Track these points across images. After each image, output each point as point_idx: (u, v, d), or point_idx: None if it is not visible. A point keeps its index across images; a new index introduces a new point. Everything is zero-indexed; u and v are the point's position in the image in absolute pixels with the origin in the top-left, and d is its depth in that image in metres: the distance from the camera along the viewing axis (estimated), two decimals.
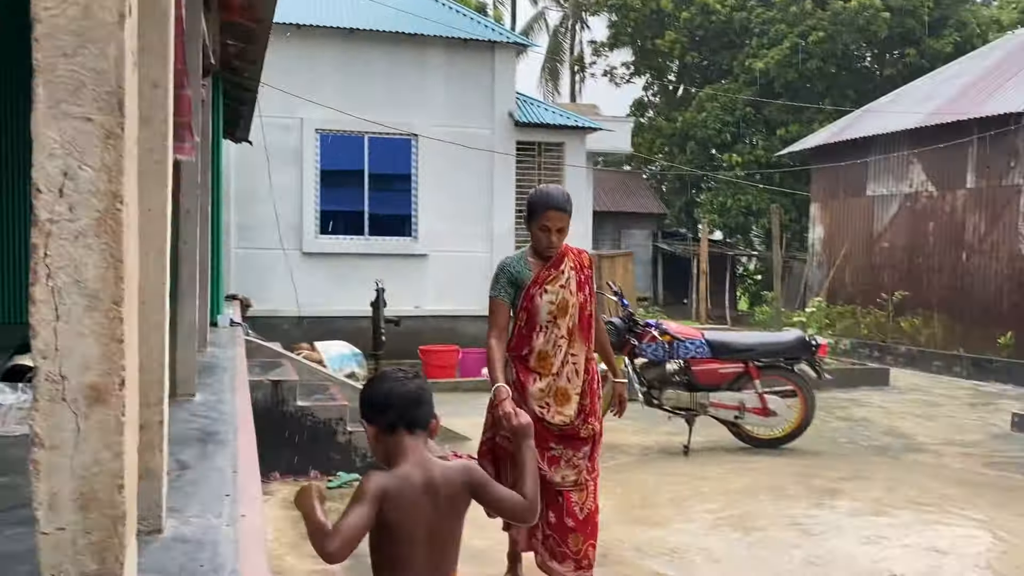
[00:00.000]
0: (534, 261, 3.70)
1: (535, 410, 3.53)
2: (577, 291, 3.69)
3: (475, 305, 12.50)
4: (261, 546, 2.13)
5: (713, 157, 24.41)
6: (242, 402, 4.03)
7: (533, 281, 3.65)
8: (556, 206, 3.60)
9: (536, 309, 3.63)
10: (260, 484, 2.79)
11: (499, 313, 3.67)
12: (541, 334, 3.64)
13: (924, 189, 13.62)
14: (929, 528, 4.84)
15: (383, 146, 12.34)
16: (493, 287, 3.70)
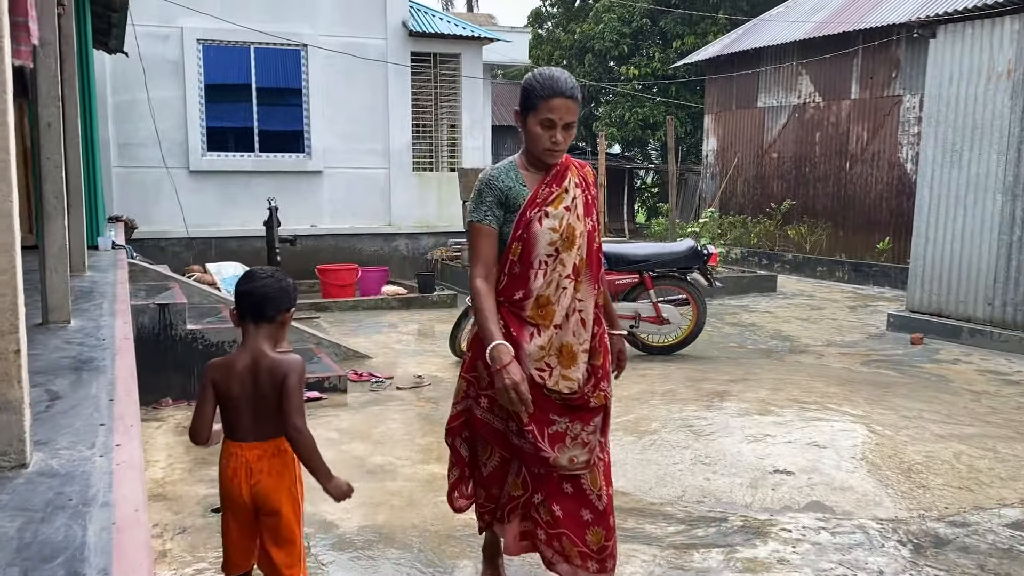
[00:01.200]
0: (529, 174, 2.82)
1: (533, 375, 2.75)
2: (585, 216, 2.82)
3: (374, 222, 12.30)
4: (138, 475, 2.04)
5: (611, 69, 24.34)
6: (122, 327, 3.85)
7: (530, 200, 2.77)
8: (563, 91, 2.68)
9: (534, 238, 2.74)
10: (139, 411, 2.67)
11: (484, 243, 2.76)
12: (540, 272, 2.75)
13: (812, 100, 13.97)
14: (810, 425, 5.10)
15: (271, 57, 11.77)
16: (474, 209, 2.79)
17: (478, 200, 2.79)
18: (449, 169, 12.87)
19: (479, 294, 2.73)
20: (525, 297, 2.77)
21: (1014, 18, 7.83)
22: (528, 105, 2.73)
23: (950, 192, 8.38)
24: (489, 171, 2.83)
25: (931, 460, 4.65)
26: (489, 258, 2.77)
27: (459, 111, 12.92)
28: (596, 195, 2.96)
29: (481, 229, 2.76)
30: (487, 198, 2.77)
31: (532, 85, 2.71)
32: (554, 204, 2.77)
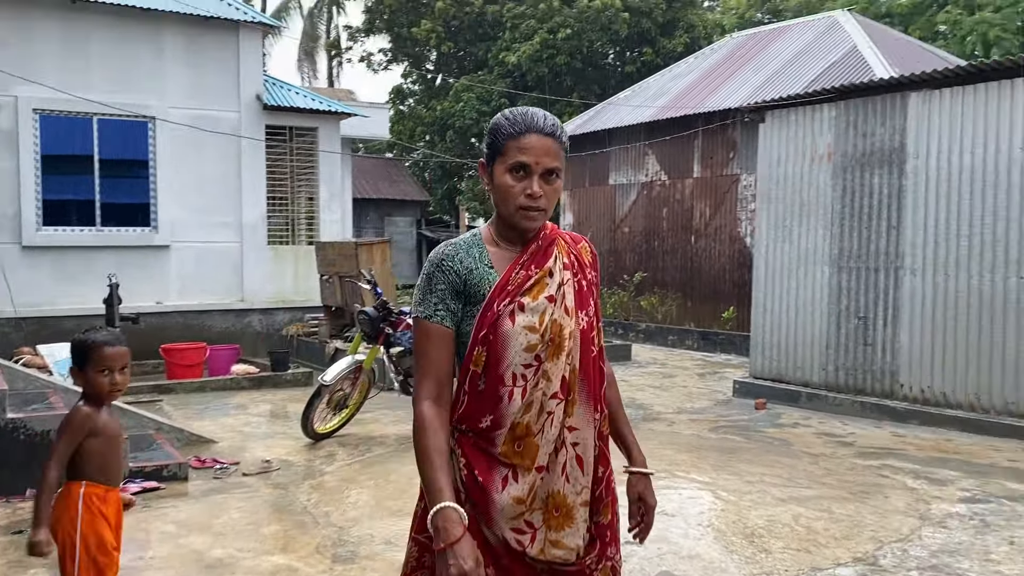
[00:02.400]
0: (498, 250, 2.05)
1: (508, 538, 1.96)
2: (577, 308, 2.04)
3: (225, 298, 11.88)
4: None
5: (472, 146, 24.91)
6: None
7: (499, 287, 1.99)
8: (539, 127, 1.98)
9: (505, 342, 1.96)
10: None
11: (434, 349, 1.97)
12: (515, 390, 1.96)
13: (658, 178, 14.72)
14: (660, 493, 5.16)
15: (115, 129, 11.31)
16: (420, 300, 2.01)
17: (426, 288, 1.99)
18: (307, 242, 12.66)
19: (424, 425, 1.90)
20: (495, 426, 1.94)
21: (832, 106, 8.58)
22: (494, 149, 2.00)
23: (783, 265, 8.96)
24: (442, 248, 2.04)
25: (772, 524, 4.83)
26: (441, 371, 1.95)
27: (317, 184, 12.80)
28: (596, 280, 2.16)
29: (429, 329, 1.95)
30: (438, 285, 1.97)
31: (498, 123, 2.02)
32: (532, 293, 1.96)
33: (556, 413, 1.97)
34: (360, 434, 7.23)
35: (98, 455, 2.91)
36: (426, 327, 1.98)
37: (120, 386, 2.96)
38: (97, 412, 2.94)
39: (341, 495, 5.52)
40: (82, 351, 2.92)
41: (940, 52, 16.67)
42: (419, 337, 1.99)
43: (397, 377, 7.26)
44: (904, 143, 7.97)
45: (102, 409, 2.97)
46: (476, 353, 1.96)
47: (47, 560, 4.21)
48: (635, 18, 22.93)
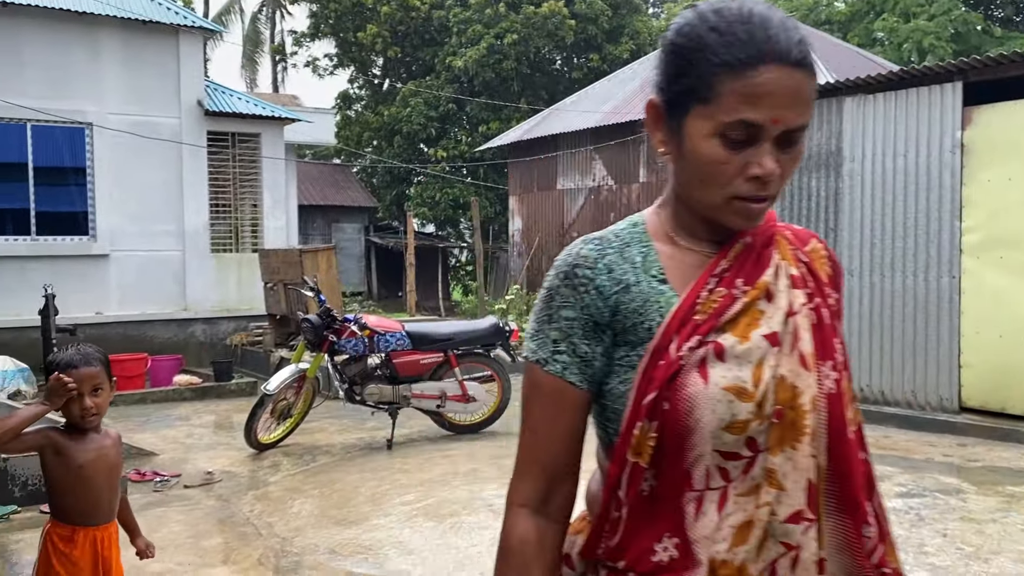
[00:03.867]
0: (674, 251, 1.22)
1: None
2: (819, 357, 1.16)
3: (167, 307, 11.64)
4: None
5: (421, 152, 24.83)
6: None
7: (677, 315, 1.14)
8: (784, 55, 1.08)
9: (691, 412, 1.10)
10: None
11: (544, 417, 1.20)
12: (711, 496, 1.12)
13: (605, 183, 14.85)
14: None
15: (50, 136, 11.03)
16: (533, 333, 1.22)
17: (543, 314, 1.20)
18: (251, 250, 12.47)
19: (511, 550, 1.18)
20: (681, 567, 1.12)
21: None
22: (687, 86, 1.14)
23: None
24: (578, 247, 1.22)
25: None
26: (554, 456, 1.19)
27: (260, 191, 12.63)
28: (840, 308, 1.27)
29: (540, 383, 1.19)
30: (563, 311, 1.18)
31: (699, 36, 1.13)
32: (739, 327, 1.14)
33: (803, 546, 1.11)
34: (305, 443, 7.14)
35: (61, 489, 2.66)
36: (537, 378, 1.18)
37: (92, 410, 2.64)
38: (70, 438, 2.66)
39: (285, 505, 5.44)
40: (49, 373, 2.65)
41: (878, 59, 17.13)
42: (526, 392, 1.20)
43: (342, 385, 7.18)
44: (840, 147, 8.15)
45: (86, 436, 2.68)
46: (639, 433, 1.10)
47: None
48: (581, 24, 23.10)
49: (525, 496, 1.19)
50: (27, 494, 5.44)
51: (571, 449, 1.20)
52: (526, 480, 1.20)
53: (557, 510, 1.20)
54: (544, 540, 1.18)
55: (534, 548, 1.17)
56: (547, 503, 1.19)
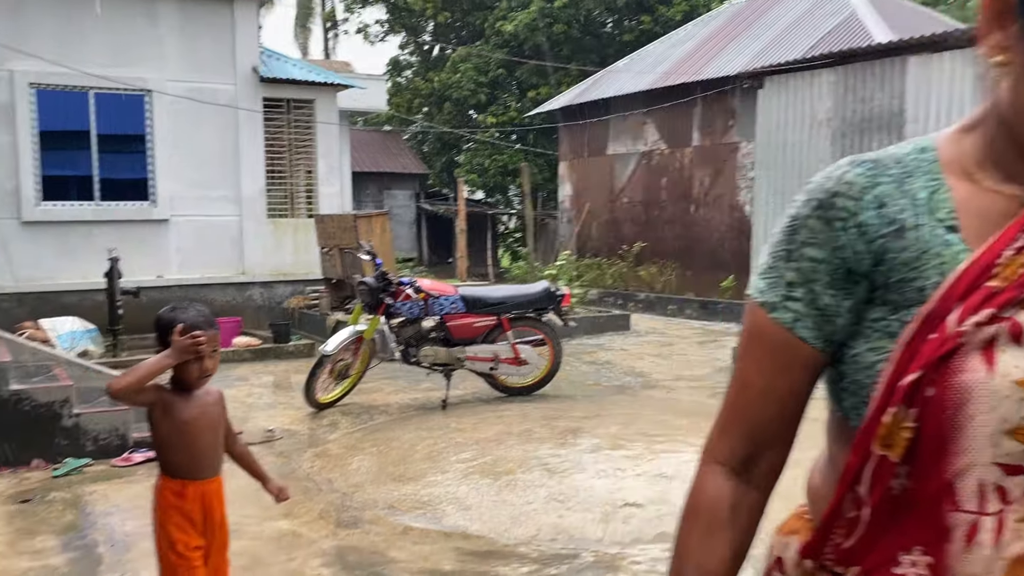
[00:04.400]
0: (975, 190, 0.92)
1: None
2: None
3: (226, 271, 11.90)
4: None
5: (470, 118, 24.80)
6: None
7: (966, 275, 0.87)
8: None
9: (966, 406, 0.84)
10: None
11: (759, 368, 1.00)
12: (987, 523, 0.86)
13: (657, 147, 14.68)
14: (658, 457, 5.26)
15: (112, 103, 11.27)
16: (765, 270, 0.99)
17: (781, 248, 0.99)
18: (306, 215, 12.65)
19: (697, 508, 1.07)
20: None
21: (831, 71, 8.55)
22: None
23: None
24: (844, 168, 0.97)
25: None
26: (763, 417, 1.03)
27: (315, 157, 12.77)
28: None
29: (762, 329, 1.00)
30: (805, 249, 0.96)
31: None
32: None
33: None
34: (362, 403, 7.29)
35: (173, 445, 2.70)
36: (759, 324, 0.99)
37: (210, 372, 2.71)
38: (177, 395, 2.72)
39: (344, 462, 5.58)
40: (169, 332, 2.61)
41: (941, 17, 16.55)
42: (743, 337, 1.03)
43: (398, 347, 7.30)
44: (903, 108, 7.95)
45: (191, 394, 2.73)
46: (891, 420, 0.89)
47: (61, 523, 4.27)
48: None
49: (724, 454, 1.04)
50: (98, 448, 5.67)
51: (787, 414, 1.00)
52: (728, 437, 1.04)
53: (760, 476, 1.03)
54: (739, 505, 1.02)
55: (727, 511, 1.02)
56: (749, 467, 1.02)
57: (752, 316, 1.00)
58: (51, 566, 3.92)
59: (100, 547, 4.17)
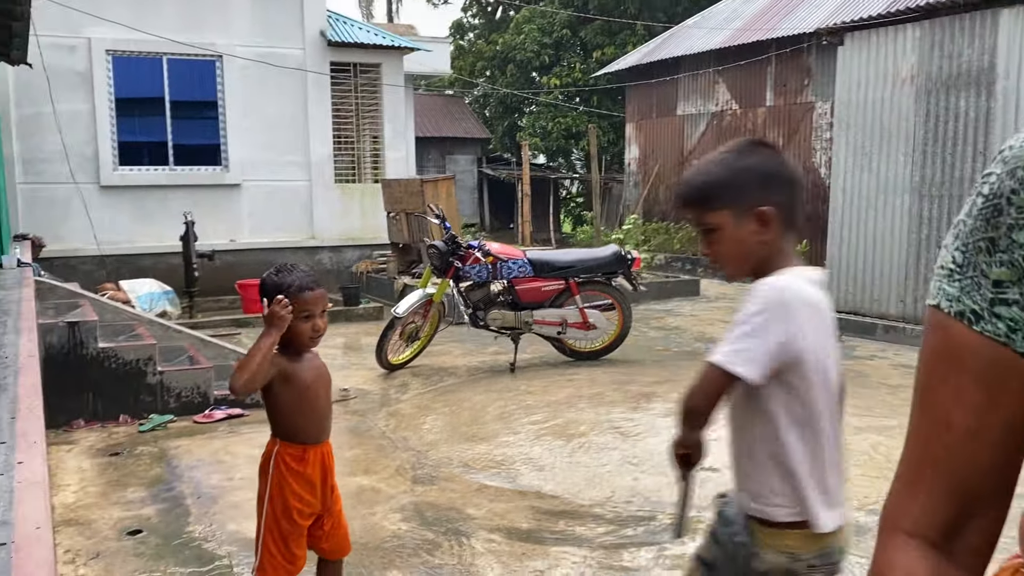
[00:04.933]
0: None
1: None
2: None
3: (296, 235, 12.08)
4: (41, 492, 1.93)
5: (533, 80, 24.55)
6: (27, 345, 3.66)
7: None
8: None
9: None
10: (43, 428, 2.54)
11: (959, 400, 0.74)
12: None
13: (729, 107, 14.32)
14: None
15: (184, 69, 11.46)
16: (954, 270, 0.75)
17: (979, 239, 0.73)
18: (373, 180, 12.73)
19: None
20: None
21: (916, 25, 8.17)
22: None
23: (861, 194, 8.68)
24: None
25: (849, 452, 4.76)
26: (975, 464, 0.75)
27: (381, 122, 12.81)
28: None
29: (966, 349, 0.74)
30: (1015, 234, 0.71)
31: None
32: None
33: None
34: (432, 365, 7.35)
35: (291, 411, 2.65)
36: (954, 340, 0.76)
37: (321, 330, 2.65)
38: (292, 360, 2.65)
39: (417, 421, 5.64)
40: (277, 293, 2.55)
41: None
42: (929, 359, 0.78)
43: (467, 310, 7.32)
44: (994, 63, 7.56)
45: (302, 357, 2.68)
46: None
47: (148, 476, 4.41)
48: None
49: (917, 521, 0.77)
50: (180, 405, 5.84)
51: (1005, 460, 0.75)
52: (922, 497, 0.77)
53: (968, 551, 0.77)
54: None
55: None
56: (952, 538, 0.77)
57: (943, 333, 0.75)
58: (142, 516, 4.06)
59: (187, 499, 4.30)
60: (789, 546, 1.71)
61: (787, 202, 1.61)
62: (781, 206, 1.59)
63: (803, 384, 1.66)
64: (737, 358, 1.57)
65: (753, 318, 1.57)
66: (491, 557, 3.59)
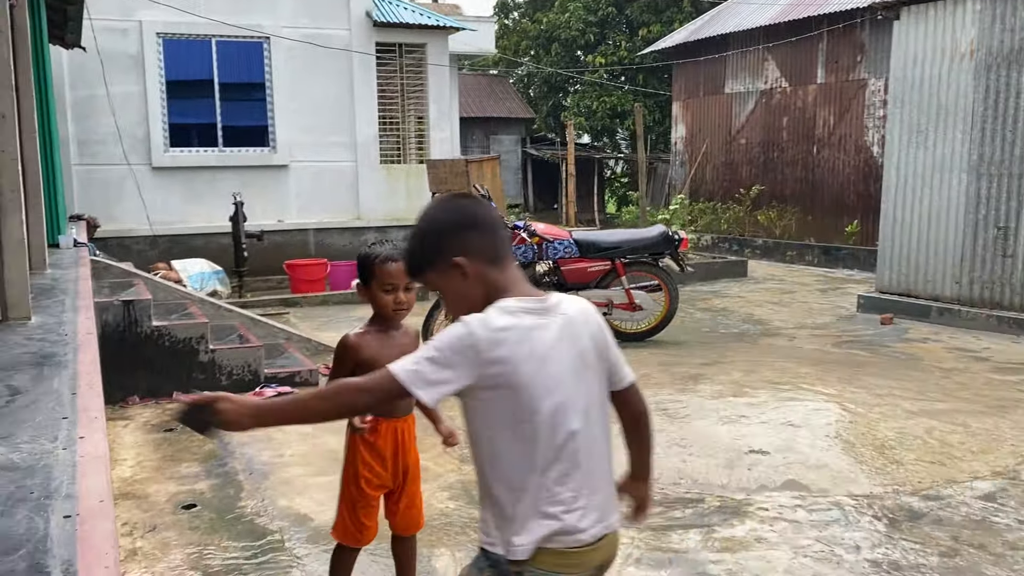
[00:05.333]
0: None
1: None
2: None
3: (342, 216, 12.18)
4: (102, 466, 1.98)
5: (578, 59, 24.35)
6: (85, 323, 3.75)
7: None
8: None
9: None
10: (103, 404, 2.60)
11: None
12: None
13: (778, 85, 14.05)
14: (784, 405, 5.12)
15: (233, 51, 11.58)
16: None
17: None
18: (417, 161, 12.76)
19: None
20: None
21: None
22: None
23: (916, 173, 8.46)
24: None
25: (903, 436, 4.68)
26: None
27: (426, 102, 12.81)
28: None
29: None
30: None
31: None
32: None
33: None
34: None
35: None
36: None
37: (405, 304, 2.70)
38: (377, 335, 2.72)
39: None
40: (366, 267, 2.68)
41: None
42: None
43: None
44: None
45: (389, 335, 2.74)
46: None
47: (202, 452, 4.50)
48: None
49: None
50: (232, 382, 5.94)
51: None
52: None
53: None
54: None
55: None
56: None
57: None
58: (196, 490, 4.15)
59: (240, 475, 4.38)
60: None
61: (481, 243, 1.69)
62: (475, 250, 1.68)
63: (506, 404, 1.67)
64: (418, 379, 1.61)
65: (443, 349, 1.62)
66: None
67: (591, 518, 1.69)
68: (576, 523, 1.67)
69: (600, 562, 1.74)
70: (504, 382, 1.62)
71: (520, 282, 1.74)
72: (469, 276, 1.69)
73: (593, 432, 1.71)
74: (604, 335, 1.79)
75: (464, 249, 1.68)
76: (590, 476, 1.70)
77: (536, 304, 1.69)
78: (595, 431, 1.72)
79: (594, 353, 1.75)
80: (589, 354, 1.73)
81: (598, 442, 1.73)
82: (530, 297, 1.70)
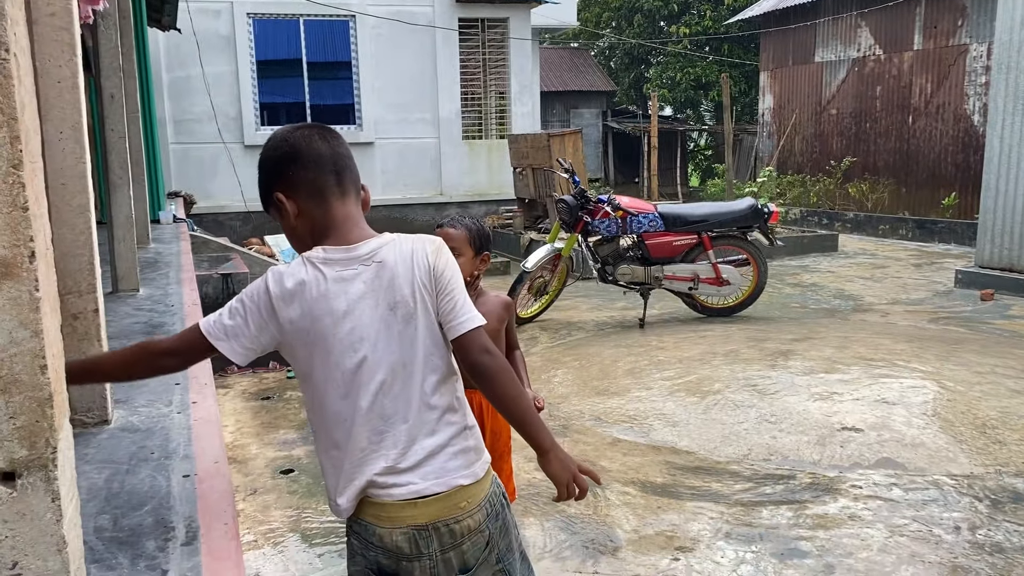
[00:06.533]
0: None
1: None
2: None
3: (425, 192, 12.33)
4: (215, 430, 2.08)
5: (661, 30, 23.91)
6: (189, 294, 3.92)
7: None
8: None
9: None
10: (211, 372, 2.72)
11: None
12: None
13: (872, 53, 13.53)
14: (878, 382, 4.98)
15: (320, 30, 11.80)
16: None
17: None
18: (498, 137, 12.80)
19: None
20: None
21: None
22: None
23: (1021, 142, 8.05)
24: None
25: (1007, 416, 4.51)
26: None
27: (507, 77, 12.81)
28: None
29: None
30: None
31: None
32: None
33: None
34: (560, 319, 7.39)
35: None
36: None
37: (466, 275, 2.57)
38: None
39: (547, 374, 5.70)
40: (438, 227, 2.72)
41: None
42: None
43: (595, 265, 7.29)
44: None
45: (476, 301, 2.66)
46: None
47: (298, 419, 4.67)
48: None
49: None
50: None
51: None
52: None
53: None
54: None
55: None
56: None
57: None
58: (293, 456, 4.31)
59: None
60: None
61: (302, 178, 1.61)
62: (295, 185, 1.61)
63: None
64: (219, 330, 1.56)
65: (243, 300, 1.58)
66: (626, 509, 3.61)
67: (409, 476, 1.60)
68: (389, 479, 1.60)
69: (425, 521, 1.62)
70: (302, 340, 1.56)
71: (346, 221, 1.64)
72: (288, 213, 1.62)
73: (410, 387, 1.61)
74: (435, 279, 1.64)
75: (285, 185, 1.61)
76: (408, 434, 1.60)
77: (343, 255, 1.59)
78: (413, 386, 1.61)
79: (416, 302, 1.62)
80: (407, 303, 1.61)
81: (418, 397, 1.62)
82: (340, 246, 1.61)
